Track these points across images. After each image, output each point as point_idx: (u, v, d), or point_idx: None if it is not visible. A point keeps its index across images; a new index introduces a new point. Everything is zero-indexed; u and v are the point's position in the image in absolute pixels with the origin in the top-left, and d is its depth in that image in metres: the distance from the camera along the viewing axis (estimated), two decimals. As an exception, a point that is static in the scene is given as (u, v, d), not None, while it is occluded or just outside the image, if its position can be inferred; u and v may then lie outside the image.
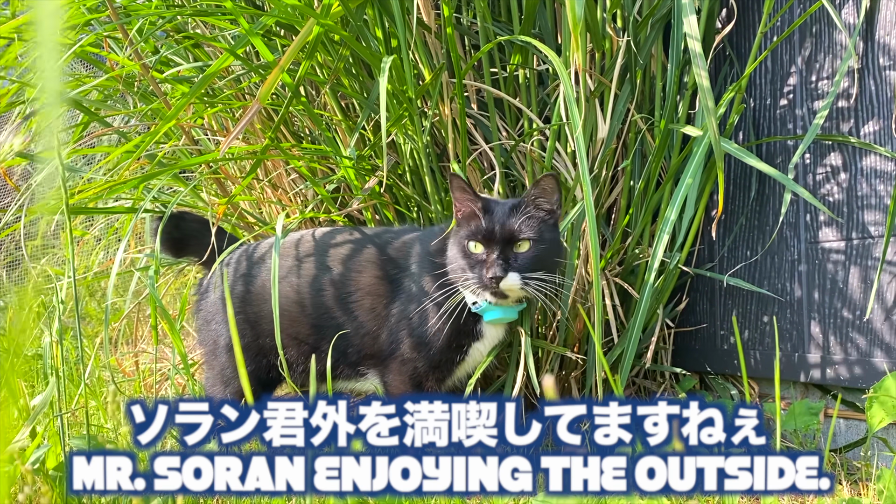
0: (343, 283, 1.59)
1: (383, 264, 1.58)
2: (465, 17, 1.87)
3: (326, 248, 1.65)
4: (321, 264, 1.63)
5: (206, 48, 2.02)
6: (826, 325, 1.68)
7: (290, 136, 2.04)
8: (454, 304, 1.50)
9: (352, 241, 1.64)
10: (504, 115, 1.86)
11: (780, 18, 1.77)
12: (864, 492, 1.40)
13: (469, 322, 1.53)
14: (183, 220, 1.80)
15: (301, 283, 1.63)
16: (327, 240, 1.67)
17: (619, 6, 1.73)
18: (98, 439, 1.10)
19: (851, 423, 1.68)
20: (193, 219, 1.83)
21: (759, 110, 1.84)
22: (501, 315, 1.51)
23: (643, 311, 1.63)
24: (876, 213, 1.59)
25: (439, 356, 1.52)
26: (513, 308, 1.53)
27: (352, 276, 1.59)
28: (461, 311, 1.51)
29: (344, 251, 1.62)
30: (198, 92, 1.63)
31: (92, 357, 1.93)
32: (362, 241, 1.63)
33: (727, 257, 1.91)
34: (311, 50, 1.52)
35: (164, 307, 1.55)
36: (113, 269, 1.59)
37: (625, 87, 1.74)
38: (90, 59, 2.01)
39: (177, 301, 2.62)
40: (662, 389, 1.93)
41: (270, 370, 1.67)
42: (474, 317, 1.53)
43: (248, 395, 0.76)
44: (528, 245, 1.43)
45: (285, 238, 1.71)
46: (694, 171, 1.56)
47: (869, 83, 1.60)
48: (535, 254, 1.43)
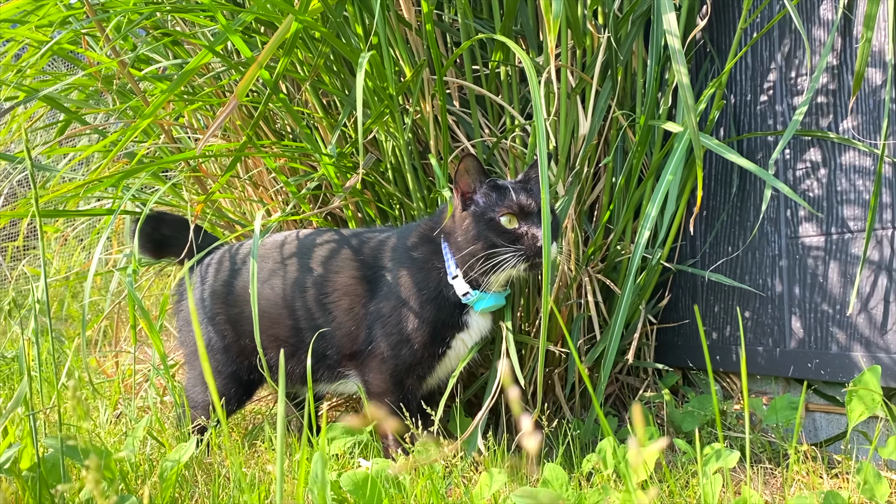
0: (322, 284, 1.58)
1: (360, 264, 1.58)
2: (446, 14, 1.86)
3: (306, 249, 1.64)
4: (301, 266, 1.62)
5: (185, 45, 2.00)
6: (806, 319, 1.69)
7: (271, 134, 2.03)
8: (436, 294, 1.50)
9: (331, 242, 1.63)
10: (486, 112, 1.86)
11: (760, 15, 1.77)
12: (845, 485, 1.41)
13: (455, 313, 1.53)
14: (162, 222, 1.78)
15: (281, 284, 1.62)
16: (307, 242, 1.66)
17: (600, 3, 1.73)
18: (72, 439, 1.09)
19: (832, 418, 1.69)
20: (172, 219, 1.81)
21: (739, 106, 1.84)
22: (494, 302, 1.52)
23: (625, 307, 1.64)
24: (855, 209, 1.60)
25: (422, 351, 1.51)
26: (501, 294, 1.54)
27: (329, 276, 1.58)
28: (445, 302, 1.51)
29: (322, 252, 1.61)
30: (176, 89, 1.61)
31: (69, 357, 1.91)
32: (340, 242, 1.62)
33: (709, 253, 1.91)
34: (290, 47, 1.51)
35: (144, 307, 1.53)
36: (91, 269, 1.57)
37: (606, 84, 1.75)
38: (68, 56, 1.98)
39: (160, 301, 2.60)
40: (645, 386, 1.93)
41: (252, 371, 1.66)
42: (459, 308, 1.52)
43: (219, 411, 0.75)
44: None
45: (268, 239, 1.70)
46: (675, 167, 1.56)
47: (847, 79, 1.61)
48: (557, 224, 1.51)
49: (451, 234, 1.51)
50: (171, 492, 1.20)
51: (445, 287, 1.51)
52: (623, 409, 1.96)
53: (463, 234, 1.47)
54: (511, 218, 1.43)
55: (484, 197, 1.47)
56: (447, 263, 1.51)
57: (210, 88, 1.99)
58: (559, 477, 1.16)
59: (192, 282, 1.71)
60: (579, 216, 1.82)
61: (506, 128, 1.80)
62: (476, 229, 1.45)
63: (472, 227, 1.46)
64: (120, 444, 1.54)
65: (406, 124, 1.72)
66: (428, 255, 1.53)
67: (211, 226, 2.07)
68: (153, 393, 1.96)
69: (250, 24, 1.80)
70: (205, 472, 1.42)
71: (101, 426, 1.76)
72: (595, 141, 1.76)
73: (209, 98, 1.96)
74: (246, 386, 1.69)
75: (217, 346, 1.66)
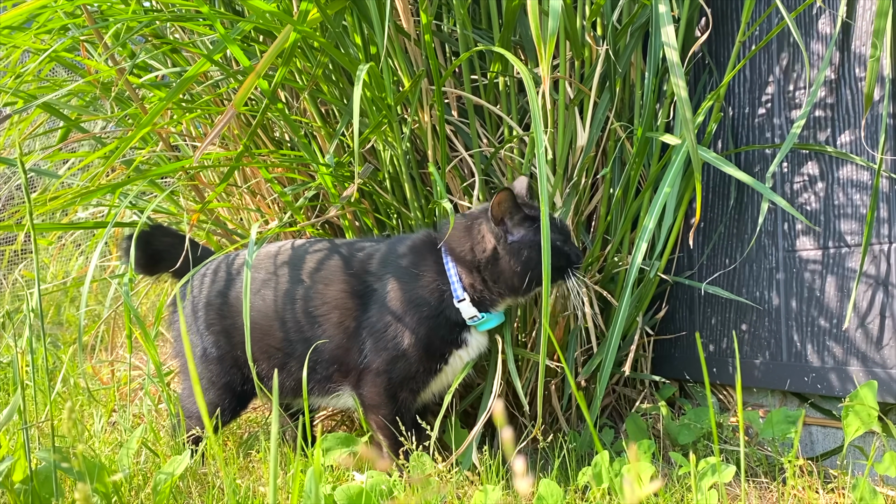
0: (313, 297, 1.57)
1: (352, 276, 1.57)
2: (445, 25, 1.86)
3: (299, 260, 1.63)
4: (294, 277, 1.61)
5: (184, 54, 2.00)
6: (803, 333, 1.69)
7: (269, 143, 2.03)
8: (437, 313, 1.50)
9: (323, 253, 1.63)
10: (484, 122, 1.85)
11: (759, 28, 1.77)
12: (841, 500, 1.41)
13: (455, 331, 1.53)
14: (153, 237, 1.76)
15: (274, 295, 1.61)
16: (300, 252, 1.66)
17: (599, 14, 1.73)
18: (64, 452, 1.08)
19: (828, 432, 1.69)
20: (165, 233, 1.80)
21: (737, 119, 1.84)
22: (497, 321, 1.57)
23: (622, 318, 1.63)
24: (852, 223, 1.60)
25: (417, 366, 1.51)
26: (501, 313, 1.59)
27: (319, 288, 1.57)
28: (445, 321, 1.51)
29: (314, 264, 1.61)
30: (175, 97, 1.61)
31: (64, 366, 1.90)
32: (332, 253, 1.62)
33: (706, 265, 1.91)
34: (288, 56, 1.51)
35: (140, 316, 1.53)
36: (87, 276, 1.57)
37: (604, 95, 1.75)
38: (67, 63, 1.98)
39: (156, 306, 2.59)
40: (642, 397, 1.93)
41: (246, 382, 1.65)
42: (459, 326, 1.53)
43: (207, 425, 0.74)
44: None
45: (262, 249, 1.70)
46: (672, 179, 1.56)
47: (845, 93, 1.61)
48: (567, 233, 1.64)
49: (463, 257, 1.51)
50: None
51: (448, 308, 1.52)
52: (620, 420, 1.95)
53: (497, 261, 1.50)
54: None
55: (519, 228, 1.51)
56: (453, 286, 1.51)
57: (208, 97, 1.99)
58: (554, 493, 1.15)
59: (187, 291, 1.71)
60: (577, 227, 1.82)
61: (504, 138, 1.80)
62: (517, 257, 1.49)
63: (509, 256, 1.50)
64: (114, 453, 1.53)
65: (404, 134, 1.72)
66: (430, 272, 1.53)
67: (208, 234, 2.07)
68: (148, 401, 1.95)
69: (249, 32, 1.80)
70: (199, 484, 1.42)
71: (96, 434, 1.75)
72: (593, 152, 1.76)
73: (207, 106, 1.95)
74: (240, 397, 1.68)
75: (212, 356, 1.65)
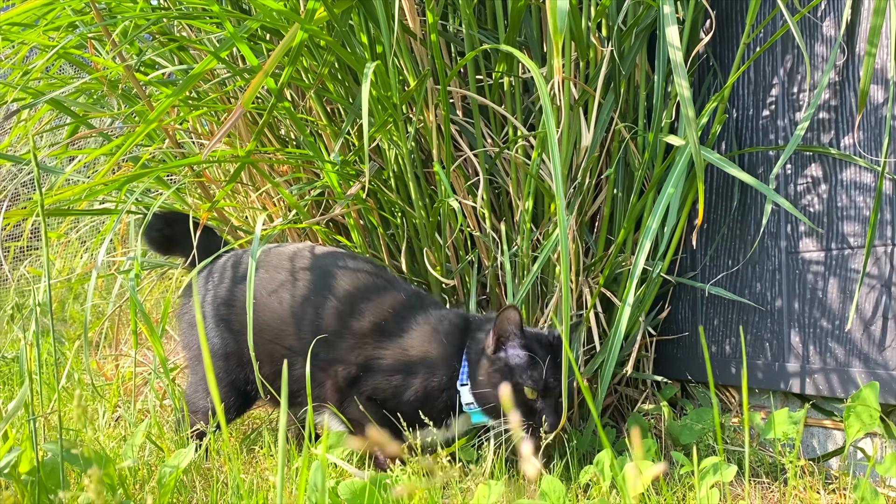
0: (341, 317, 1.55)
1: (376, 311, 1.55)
2: (451, 24, 1.87)
3: (326, 273, 1.61)
4: (318, 287, 1.59)
5: (191, 51, 2.01)
6: (805, 334, 1.69)
7: (275, 141, 2.04)
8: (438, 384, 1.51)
9: (356, 272, 1.61)
10: (489, 122, 1.86)
11: (763, 30, 1.78)
12: (842, 501, 1.41)
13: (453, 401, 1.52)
14: (177, 222, 1.77)
15: (292, 301, 1.59)
16: (326, 264, 1.63)
17: (604, 15, 1.74)
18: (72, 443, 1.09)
19: (830, 433, 1.69)
20: (186, 219, 1.82)
21: (741, 120, 1.85)
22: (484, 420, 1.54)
23: (625, 318, 1.64)
24: (855, 225, 1.61)
25: (411, 414, 1.50)
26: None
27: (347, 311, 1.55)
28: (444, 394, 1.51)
29: (347, 285, 1.58)
30: (181, 93, 1.62)
31: (69, 360, 1.91)
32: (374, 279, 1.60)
33: (709, 266, 1.92)
34: (295, 55, 1.52)
35: (145, 311, 1.54)
36: (93, 271, 1.58)
37: (609, 96, 1.75)
38: (75, 60, 2.00)
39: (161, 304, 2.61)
40: (644, 397, 1.93)
41: (249, 383, 1.64)
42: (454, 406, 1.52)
43: (221, 418, 0.75)
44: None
45: (279, 249, 1.70)
46: (676, 180, 1.57)
47: (849, 95, 1.62)
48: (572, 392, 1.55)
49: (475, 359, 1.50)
50: (170, 498, 1.20)
51: (449, 389, 1.51)
52: (622, 420, 1.96)
53: (485, 374, 1.47)
54: (534, 392, 1.44)
55: (517, 351, 1.47)
56: (462, 369, 1.51)
57: (215, 94, 2.00)
58: (557, 489, 1.16)
59: (199, 285, 1.71)
60: (580, 228, 1.83)
61: (508, 138, 1.81)
62: (499, 379, 1.45)
63: (496, 374, 1.46)
64: (119, 447, 1.54)
65: (409, 133, 1.73)
66: (451, 345, 1.53)
67: (221, 231, 2.08)
68: (153, 396, 1.96)
69: (256, 31, 1.81)
70: (203, 478, 1.42)
71: (101, 429, 1.76)
72: (597, 153, 1.77)
73: (214, 104, 1.97)
74: (244, 396, 1.67)
75: (219, 352, 1.65)
